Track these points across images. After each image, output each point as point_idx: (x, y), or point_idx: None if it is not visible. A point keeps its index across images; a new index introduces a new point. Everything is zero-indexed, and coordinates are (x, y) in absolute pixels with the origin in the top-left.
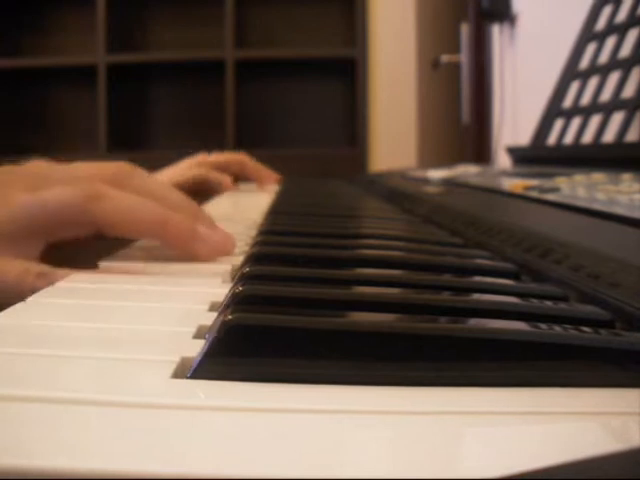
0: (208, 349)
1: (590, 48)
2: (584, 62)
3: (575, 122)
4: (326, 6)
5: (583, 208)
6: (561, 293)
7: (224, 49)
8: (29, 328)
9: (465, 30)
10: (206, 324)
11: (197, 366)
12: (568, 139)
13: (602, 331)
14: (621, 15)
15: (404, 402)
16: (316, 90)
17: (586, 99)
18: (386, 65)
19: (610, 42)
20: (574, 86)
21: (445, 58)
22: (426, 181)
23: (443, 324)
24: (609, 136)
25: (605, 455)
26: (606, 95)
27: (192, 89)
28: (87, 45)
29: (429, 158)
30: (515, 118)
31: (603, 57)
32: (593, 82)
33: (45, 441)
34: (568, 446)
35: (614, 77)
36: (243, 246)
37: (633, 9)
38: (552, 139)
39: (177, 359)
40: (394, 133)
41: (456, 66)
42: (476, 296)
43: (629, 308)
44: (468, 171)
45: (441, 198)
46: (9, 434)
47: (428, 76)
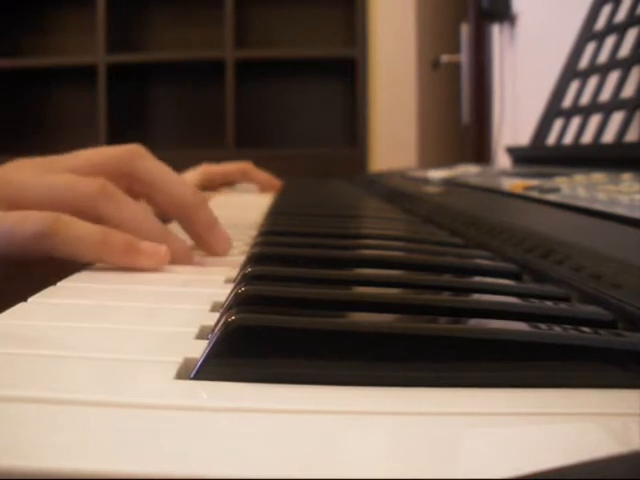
0: (211, 350)
1: (590, 48)
2: (584, 62)
3: (575, 122)
4: (326, 6)
5: (583, 208)
6: (563, 293)
7: (224, 49)
8: (29, 328)
9: (465, 30)
10: (208, 324)
11: (200, 367)
12: (568, 139)
13: (603, 331)
14: (620, 15)
15: (405, 402)
16: (316, 90)
17: (586, 99)
18: (386, 65)
19: (610, 42)
20: (574, 86)
21: (445, 58)
22: (426, 181)
23: (444, 324)
24: (609, 136)
25: (615, 456)
26: (606, 95)
27: (192, 89)
28: (87, 45)
29: (429, 158)
30: (515, 118)
31: (603, 57)
32: (593, 82)
33: (46, 442)
34: (569, 447)
35: (614, 77)
36: (243, 246)
37: (632, 9)
38: (552, 139)
39: (180, 360)
40: (394, 133)
41: (456, 66)
42: (477, 296)
43: (631, 308)
44: (468, 171)
45: (441, 198)
46: (9, 435)
47: (428, 76)
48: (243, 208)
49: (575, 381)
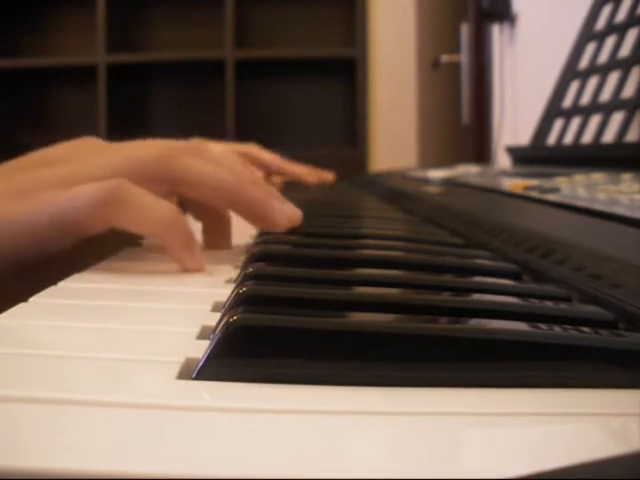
0: (212, 350)
1: (590, 48)
2: (584, 62)
3: (575, 122)
4: (326, 6)
5: (584, 208)
6: (564, 293)
7: (224, 49)
8: (29, 328)
9: (465, 30)
10: (210, 324)
11: (201, 367)
12: (568, 139)
13: (603, 331)
14: (621, 15)
15: (405, 402)
16: (316, 90)
17: (586, 99)
18: (386, 65)
19: (610, 42)
20: (574, 86)
21: (445, 58)
22: (426, 181)
23: (444, 324)
24: (609, 136)
25: (615, 456)
26: (606, 95)
27: (192, 89)
28: (87, 45)
29: (429, 158)
30: (515, 118)
31: (603, 57)
32: (593, 82)
33: (47, 442)
34: (569, 447)
35: (614, 77)
36: (243, 246)
37: (633, 9)
38: (552, 139)
39: (181, 360)
40: (394, 133)
41: (456, 66)
42: (478, 296)
43: (631, 308)
44: (468, 171)
45: (441, 198)
46: (10, 435)
47: (428, 76)
48: None
49: (575, 381)
